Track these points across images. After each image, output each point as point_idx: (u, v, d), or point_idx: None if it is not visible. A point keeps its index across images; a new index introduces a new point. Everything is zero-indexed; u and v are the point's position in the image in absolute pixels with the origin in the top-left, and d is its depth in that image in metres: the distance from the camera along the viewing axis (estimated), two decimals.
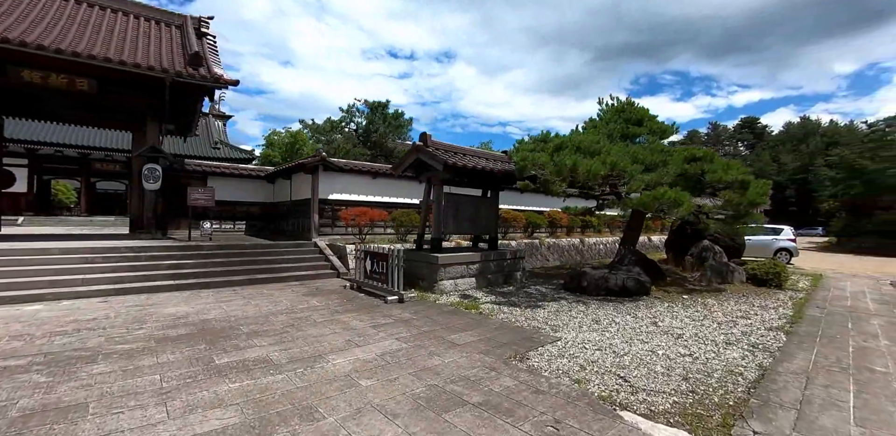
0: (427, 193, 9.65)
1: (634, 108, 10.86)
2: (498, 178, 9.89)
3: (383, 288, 8.13)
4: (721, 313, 7.47)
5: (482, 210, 10.36)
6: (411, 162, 9.29)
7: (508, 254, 10.00)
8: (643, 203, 8.01)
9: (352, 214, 11.78)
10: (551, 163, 7.76)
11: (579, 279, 9.00)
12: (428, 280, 8.67)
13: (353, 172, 13.07)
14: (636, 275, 8.93)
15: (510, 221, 15.88)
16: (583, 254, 18.95)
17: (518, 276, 10.25)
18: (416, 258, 9.10)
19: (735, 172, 9.47)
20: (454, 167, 8.40)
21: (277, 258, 10.78)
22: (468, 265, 9.03)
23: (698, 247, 13.07)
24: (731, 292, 9.79)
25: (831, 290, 10.90)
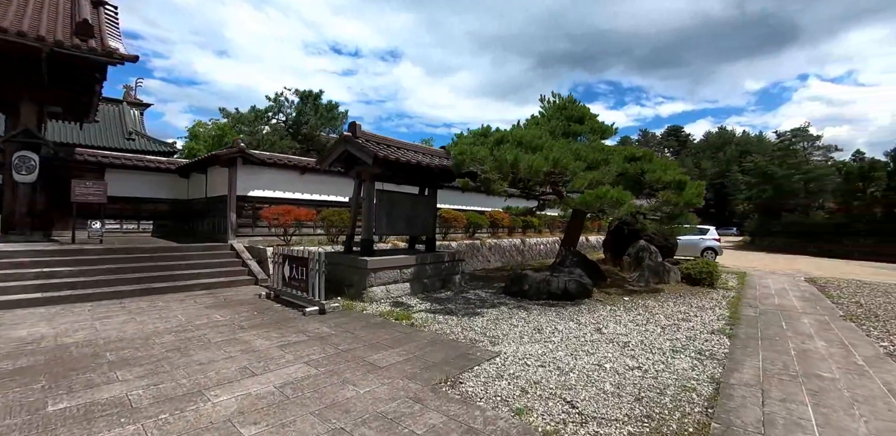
0: (357, 189, 8.72)
1: (576, 105, 10.60)
2: (436, 174, 9.17)
3: (303, 297, 7.12)
4: (663, 316, 7.23)
5: (419, 209, 9.59)
6: (339, 154, 8.33)
7: (447, 256, 9.31)
8: (586, 202, 7.63)
9: (274, 212, 10.55)
10: (491, 157, 7.16)
11: (520, 283, 8.48)
12: (356, 287, 7.76)
13: (278, 166, 11.80)
14: (578, 277, 8.56)
15: (451, 222, 15.26)
16: (524, 254, 18.76)
17: (457, 279, 9.59)
18: (344, 262, 8.15)
19: (673, 173, 9.42)
20: (386, 161, 7.56)
21: (183, 264, 9.34)
22: (402, 269, 8.22)
23: (635, 247, 13.14)
24: (669, 292, 9.74)
25: (758, 287, 11.26)
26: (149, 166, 13.04)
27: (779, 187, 35.27)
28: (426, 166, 8.36)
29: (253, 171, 11.54)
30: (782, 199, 35.94)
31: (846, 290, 11.49)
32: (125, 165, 12.67)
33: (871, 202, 31.43)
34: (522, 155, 7.01)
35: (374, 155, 7.33)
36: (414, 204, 9.46)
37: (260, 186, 11.74)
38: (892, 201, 30.29)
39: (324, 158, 8.66)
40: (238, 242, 10.90)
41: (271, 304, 7.37)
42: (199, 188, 13.32)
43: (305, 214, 10.96)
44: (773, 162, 37.12)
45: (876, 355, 5.42)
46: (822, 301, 9.45)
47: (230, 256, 10.37)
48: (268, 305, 7.29)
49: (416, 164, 8.12)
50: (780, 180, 35.07)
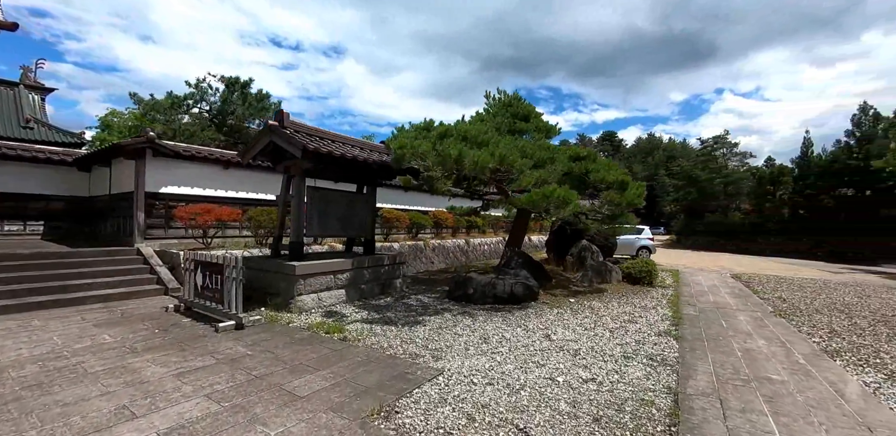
0: (285, 186, 7.82)
1: (521, 103, 10.34)
2: (374, 170, 8.47)
3: (218, 310, 6.17)
4: (609, 318, 7.04)
5: (356, 208, 8.84)
6: (264, 146, 7.41)
7: (386, 259, 8.63)
8: (532, 202, 7.29)
9: (190, 211, 9.32)
10: (434, 152, 6.61)
11: (465, 286, 8.01)
12: (283, 296, 6.90)
13: (196, 159, 10.50)
14: (524, 279, 8.23)
15: (392, 222, 14.56)
16: (468, 255, 18.44)
17: (397, 284, 8.94)
18: (269, 268, 7.24)
19: (616, 173, 9.39)
20: (317, 154, 6.77)
21: (74, 272, 7.95)
22: (336, 275, 7.45)
23: (578, 247, 13.18)
24: (612, 292, 9.72)
25: (692, 285, 11.62)
26: (37, 157, 11.16)
27: (702, 190, 37.88)
28: (363, 162, 7.65)
29: (166, 164, 10.18)
30: (705, 200, 38.65)
31: (767, 285, 12.18)
32: (5, 155, 10.76)
33: (779, 204, 34.57)
34: (467, 150, 6.53)
35: (303, 147, 6.52)
36: (350, 203, 8.71)
37: (175, 181, 10.39)
38: (797, 203, 33.50)
39: (247, 151, 7.68)
40: (147, 245, 9.54)
41: (179, 318, 6.34)
42: (103, 184, 11.63)
43: (228, 214, 9.81)
44: (697, 166, 39.86)
45: (813, 353, 5.47)
46: (751, 297, 9.83)
47: (136, 263, 9.03)
48: (175, 320, 6.25)
49: (351, 158, 7.39)
50: (704, 183, 37.69)
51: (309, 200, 7.80)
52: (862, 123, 31.23)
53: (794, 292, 10.92)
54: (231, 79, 21.84)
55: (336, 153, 7.06)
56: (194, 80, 21.60)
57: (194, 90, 21.59)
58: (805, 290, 11.50)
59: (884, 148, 25.20)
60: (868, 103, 31.01)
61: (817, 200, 32.02)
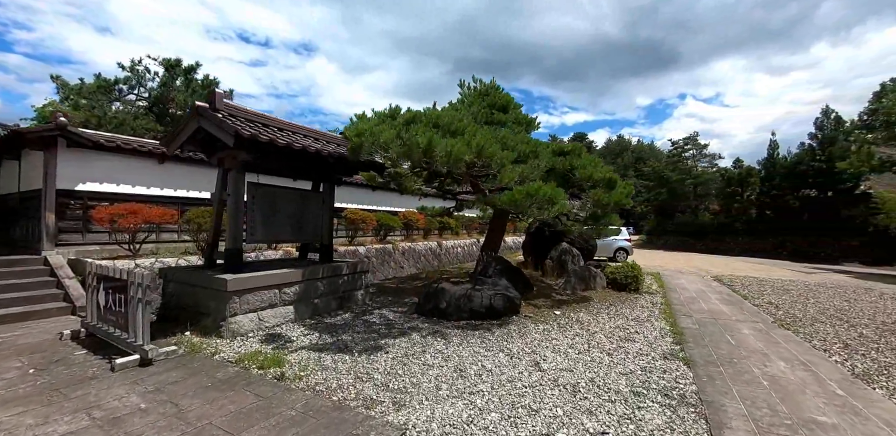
0: (221, 182, 6.53)
1: (499, 92, 9.35)
2: (330, 164, 7.27)
3: (121, 339, 4.86)
4: (603, 336, 6.10)
5: (310, 209, 7.61)
6: (193, 133, 6.10)
7: (346, 268, 7.44)
8: (514, 201, 6.27)
9: (110, 213, 7.84)
10: (399, 141, 5.50)
11: (437, 299, 6.92)
12: (214, 316, 5.62)
13: (124, 151, 8.98)
14: (504, 290, 7.21)
15: (358, 223, 13.33)
16: (440, 258, 17.36)
17: (359, 296, 7.76)
18: (198, 282, 5.94)
19: (604, 171, 8.52)
20: (254, 143, 5.53)
21: None
22: (281, 289, 6.22)
23: (558, 250, 12.31)
24: (598, 301, 8.84)
25: (678, 290, 10.92)
26: None
27: (672, 190, 38.12)
28: (316, 153, 6.43)
29: (85, 157, 8.64)
30: (675, 201, 38.94)
31: (752, 289, 11.67)
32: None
33: (747, 204, 35.09)
34: (439, 139, 5.45)
35: (236, 133, 5.27)
36: (303, 202, 7.47)
37: (96, 177, 8.85)
38: (763, 204, 34.06)
39: (171, 139, 6.33)
40: (58, 253, 8.01)
41: (72, 350, 4.99)
42: (14, 180, 9.93)
43: (160, 215, 8.36)
44: (667, 167, 40.14)
45: (844, 378, 4.67)
46: (743, 304, 9.17)
47: (41, 275, 7.51)
48: (65, 352, 4.90)
49: (300, 149, 6.17)
50: (674, 184, 37.94)
51: (252, 198, 6.54)
52: (824, 126, 31.96)
53: (780, 296, 10.40)
54: (171, 61, 19.32)
55: (280, 142, 5.83)
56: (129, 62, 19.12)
57: (130, 74, 19.22)
58: (790, 293, 11.02)
59: (845, 150, 25.70)
60: (830, 107, 31.74)
61: (783, 201, 32.62)
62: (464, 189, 12.54)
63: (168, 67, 19.49)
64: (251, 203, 6.55)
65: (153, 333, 5.61)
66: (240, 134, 5.31)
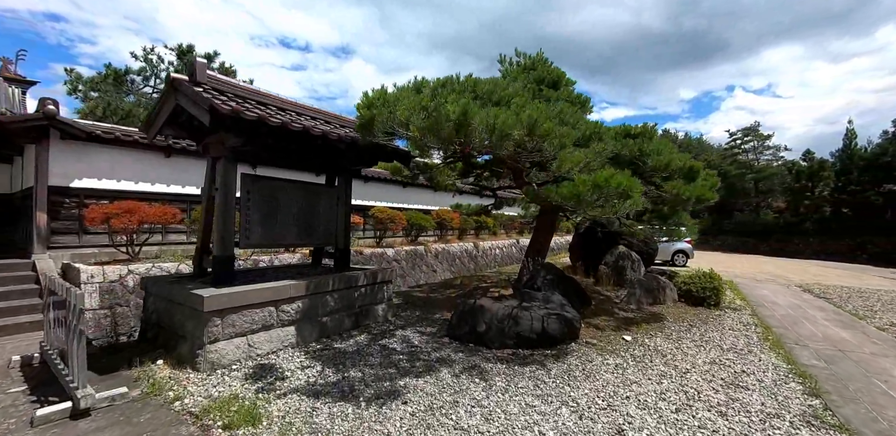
0: (209, 174, 5.36)
1: (548, 66, 7.79)
2: (342, 151, 5.96)
3: (63, 374, 3.72)
4: (699, 377, 4.48)
5: (321, 206, 6.36)
6: (172, 114, 4.95)
7: (363, 277, 6.12)
8: (577, 194, 4.74)
9: (103, 212, 6.91)
10: (422, 112, 4.09)
11: (474, 320, 5.48)
12: (191, 341, 4.43)
13: (124, 144, 8.09)
14: (559, 308, 5.68)
15: (386, 223, 12.08)
16: (477, 261, 15.90)
17: (380, 312, 6.43)
18: (175, 298, 4.78)
19: (682, 158, 6.83)
20: (238, 122, 4.28)
21: None
22: (279, 306, 4.96)
23: (614, 254, 10.59)
24: (673, 320, 7.13)
25: (766, 305, 8.99)
26: None
27: (731, 186, 34.86)
28: (322, 136, 5.13)
29: (82, 150, 7.79)
30: (734, 198, 35.63)
31: (854, 303, 9.59)
32: None
33: (819, 202, 31.48)
34: (477, 108, 4.02)
35: (210, 108, 4.04)
36: (313, 198, 6.22)
37: (94, 172, 7.99)
38: (838, 200, 30.40)
39: (149, 122, 5.21)
40: (49, 257, 7.16)
41: (11, 384, 3.95)
42: (18, 177, 9.30)
43: (159, 214, 7.38)
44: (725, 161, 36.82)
45: None
46: (862, 327, 7.21)
47: (27, 282, 6.66)
48: (2, 386, 3.83)
49: (300, 131, 4.88)
50: (732, 179, 34.68)
51: (245, 193, 5.34)
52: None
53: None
54: (183, 48, 18.37)
55: (273, 121, 4.56)
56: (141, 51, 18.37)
57: (143, 64, 18.66)
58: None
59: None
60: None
61: (862, 197, 28.92)
62: (503, 184, 11.06)
63: (181, 54, 18.66)
64: (245, 200, 5.35)
65: (119, 360, 4.52)
66: (216, 109, 4.07)
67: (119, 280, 6.82)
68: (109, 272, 6.77)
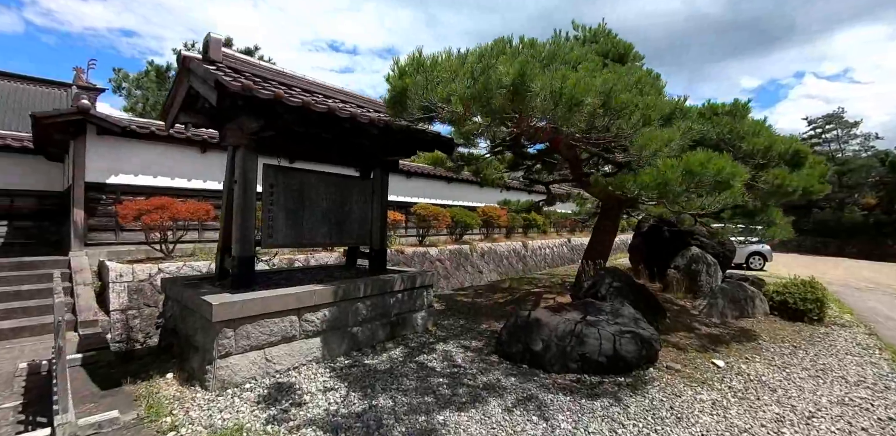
0: (229, 166, 4.81)
1: (612, 38, 6.72)
2: (375, 138, 5.25)
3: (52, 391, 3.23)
4: (830, 424, 3.38)
5: (355, 202, 5.70)
6: (185, 98, 4.42)
7: (400, 281, 5.39)
8: (662, 183, 3.74)
9: (135, 208, 6.64)
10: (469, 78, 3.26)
11: (528, 336, 4.59)
12: (202, 354, 3.87)
13: (159, 138, 7.85)
14: (632, 324, 4.68)
15: (429, 220, 11.36)
16: (525, 262, 14.88)
17: (418, 320, 5.68)
18: (188, 303, 4.25)
19: (787, 141, 5.59)
20: (248, 100, 3.65)
21: None
22: (302, 315, 4.32)
23: (686, 257, 9.28)
24: (770, 339, 5.89)
25: (881, 320, 7.44)
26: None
27: None
28: (351, 119, 4.43)
29: (118, 146, 7.61)
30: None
31: None
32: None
33: None
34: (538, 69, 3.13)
35: (216, 83, 3.42)
36: (345, 193, 5.57)
37: (130, 168, 7.80)
38: None
39: (165, 109, 4.73)
40: (85, 255, 7.01)
41: (7, 398, 3.50)
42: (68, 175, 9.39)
43: (192, 211, 7.04)
44: None
45: None
46: None
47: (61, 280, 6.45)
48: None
49: (324, 113, 4.19)
50: None
51: (268, 187, 4.75)
52: None
53: None
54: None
55: (292, 101, 3.89)
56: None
57: None
58: None
59: None
60: None
61: None
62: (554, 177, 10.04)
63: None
64: (268, 194, 4.77)
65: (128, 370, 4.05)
66: (224, 86, 3.45)
67: (148, 279, 6.51)
68: (139, 271, 6.47)
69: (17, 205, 9.88)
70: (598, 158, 9.10)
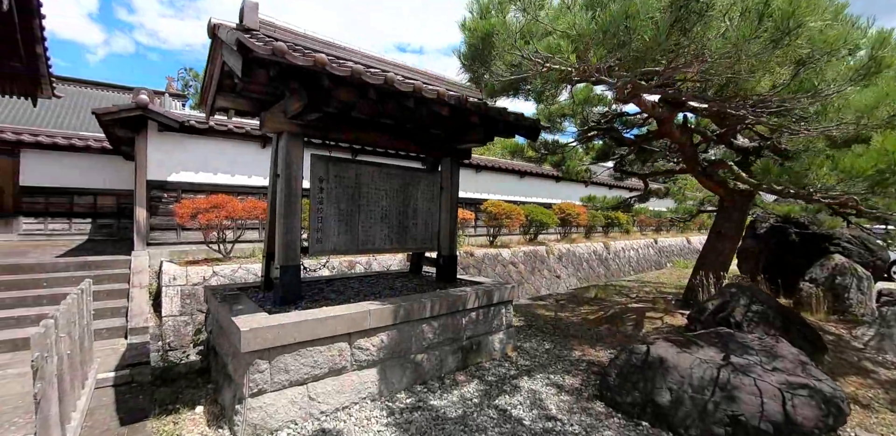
0: (273, 157, 4.08)
1: None
2: (445, 121, 4.28)
3: None
4: None
5: (419, 199, 4.80)
6: (220, 76, 3.71)
7: (475, 297, 4.40)
8: (881, 171, 2.37)
9: (191, 207, 6.27)
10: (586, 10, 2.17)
11: (649, 380, 3.40)
12: (234, 388, 3.14)
13: (218, 134, 7.52)
14: (801, 373, 3.30)
15: (501, 219, 10.29)
16: (608, 265, 13.31)
17: (496, 346, 4.65)
18: (222, 320, 3.56)
19: None
20: (284, 70, 2.81)
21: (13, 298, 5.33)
22: (354, 341, 3.47)
23: (826, 267, 7.39)
24: None
25: None
26: (74, 145, 9.33)
27: None
28: (413, 94, 3.49)
29: (178, 142, 7.35)
30: None
31: None
32: (56, 145, 9.07)
33: None
34: None
35: (240, 45, 2.61)
36: (407, 188, 4.68)
37: (190, 165, 7.53)
38: None
39: (203, 93, 4.09)
40: (146, 255, 6.78)
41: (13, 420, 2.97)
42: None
43: (247, 209, 6.58)
44: None
45: None
46: None
47: (119, 281, 6.24)
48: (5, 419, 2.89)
49: (381, 85, 3.28)
50: None
51: (317, 182, 3.96)
52: None
53: None
54: None
55: (339, 70, 3.01)
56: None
57: None
58: None
59: None
60: None
61: None
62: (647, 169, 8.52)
63: None
64: (317, 190, 3.97)
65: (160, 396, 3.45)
66: (248, 49, 2.64)
67: (202, 282, 6.10)
68: (192, 274, 6.08)
69: (99, 203, 10.20)
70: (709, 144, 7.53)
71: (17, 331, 4.82)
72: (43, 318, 2.69)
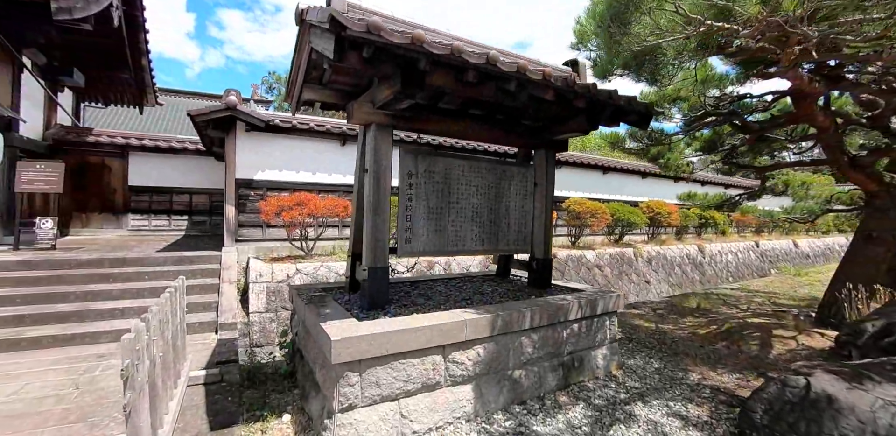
0: (360, 151, 3.84)
1: None
2: (548, 106, 3.80)
3: None
4: None
5: (511, 195, 4.37)
6: (307, 66, 3.51)
7: (577, 306, 3.88)
8: None
9: (275, 205, 6.33)
10: None
11: (812, 422, 2.70)
12: (322, 401, 2.91)
13: (300, 132, 7.59)
14: None
15: (585, 218, 9.57)
16: (703, 270, 12.02)
17: (599, 362, 4.09)
18: (309, 324, 3.36)
19: None
20: (378, 49, 2.51)
21: (117, 290, 5.64)
22: (448, 353, 3.12)
23: None
24: None
25: None
26: (173, 148, 10.01)
27: None
28: (516, 76, 3.06)
29: (263, 141, 7.52)
30: None
31: None
32: (145, 147, 9.81)
33: None
34: None
35: (332, 20, 2.33)
36: (499, 184, 4.27)
37: (275, 163, 7.68)
38: None
39: (290, 86, 3.94)
40: (235, 251, 6.98)
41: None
42: None
43: (329, 207, 6.54)
44: None
45: None
46: None
47: (210, 276, 6.45)
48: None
49: (482, 65, 2.89)
50: None
51: (406, 177, 3.67)
52: None
53: None
54: None
55: (440, 49, 2.67)
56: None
57: None
58: None
59: None
60: None
61: None
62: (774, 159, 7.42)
63: None
64: (406, 186, 3.68)
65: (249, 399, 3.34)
66: (342, 25, 2.36)
67: (286, 280, 6.13)
68: (277, 271, 6.12)
69: (195, 201, 10.88)
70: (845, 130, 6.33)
71: (121, 322, 5.06)
72: (144, 311, 2.61)
